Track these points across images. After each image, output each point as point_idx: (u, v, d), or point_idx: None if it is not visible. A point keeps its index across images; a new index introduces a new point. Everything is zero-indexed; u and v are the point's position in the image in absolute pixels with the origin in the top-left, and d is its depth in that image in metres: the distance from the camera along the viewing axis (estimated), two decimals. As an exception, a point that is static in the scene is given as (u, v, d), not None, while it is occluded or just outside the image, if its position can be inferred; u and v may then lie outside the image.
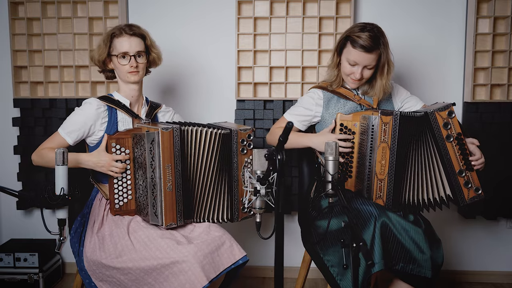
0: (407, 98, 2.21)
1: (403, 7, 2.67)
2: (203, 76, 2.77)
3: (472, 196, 1.97)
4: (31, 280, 2.63)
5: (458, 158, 1.95)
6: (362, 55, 1.98)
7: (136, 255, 1.75)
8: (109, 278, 1.80)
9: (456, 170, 1.95)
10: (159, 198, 1.81)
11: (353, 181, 2.02)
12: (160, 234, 1.80)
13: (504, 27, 2.61)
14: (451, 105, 1.95)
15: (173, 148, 1.82)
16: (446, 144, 1.94)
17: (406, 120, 1.90)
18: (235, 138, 1.94)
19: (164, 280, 1.71)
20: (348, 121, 2.01)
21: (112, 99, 2.02)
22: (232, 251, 1.82)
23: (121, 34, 1.97)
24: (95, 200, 2.02)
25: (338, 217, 1.92)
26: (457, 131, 1.94)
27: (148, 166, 1.83)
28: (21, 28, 2.71)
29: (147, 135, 1.81)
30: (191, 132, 1.87)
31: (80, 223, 1.99)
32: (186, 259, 1.70)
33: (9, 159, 2.83)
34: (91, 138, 2.00)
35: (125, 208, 1.93)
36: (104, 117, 1.98)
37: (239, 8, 2.64)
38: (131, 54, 1.97)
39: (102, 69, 2.08)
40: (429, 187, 1.96)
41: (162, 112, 2.17)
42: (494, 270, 2.82)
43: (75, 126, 1.95)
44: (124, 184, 1.91)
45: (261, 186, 1.57)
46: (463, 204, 1.97)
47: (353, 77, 2.04)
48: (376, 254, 1.77)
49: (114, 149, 1.88)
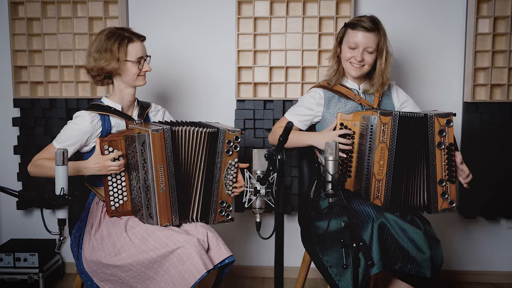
0: (406, 102, 2.21)
1: (403, 7, 2.67)
2: (203, 76, 2.77)
3: (445, 207, 1.95)
4: (31, 280, 2.63)
5: (443, 167, 1.93)
6: (363, 35, 2.01)
7: (135, 250, 1.76)
8: (110, 277, 1.81)
9: (438, 179, 1.93)
10: (153, 199, 1.82)
11: (352, 181, 2.02)
12: (157, 227, 1.82)
13: (504, 27, 2.60)
14: (451, 115, 1.94)
15: (165, 150, 1.82)
16: (435, 150, 1.92)
17: (405, 121, 1.90)
18: (221, 138, 1.93)
19: (165, 272, 1.72)
20: (348, 121, 2.01)
21: (101, 106, 1.99)
22: (219, 250, 1.83)
23: (133, 40, 1.95)
24: (92, 204, 2.02)
25: (337, 217, 1.92)
26: (450, 141, 1.93)
27: (141, 168, 1.83)
28: (21, 28, 2.71)
29: (137, 137, 1.81)
30: (182, 132, 1.88)
31: (78, 227, 2.00)
32: (182, 244, 1.72)
33: (9, 159, 2.83)
34: (87, 148, 1.99)
35: (121, 210, 1.93)
36: (98, 128, 1.95)
37: (239, 8, 2.64)
38: (144, 59, 1.98)
39: (101, 75, 1.98)
40: (414, 190, 1.95)
41: (153, 111, 2.16)
42: (494, 270, 2.82)
43: (72, 140, 1.93)
44: (119, 185, 1.91)
45: (261, 186, 1.58)
46: (434, 212, 1.95)
47: (354, 60, 2.05)
48: (374, 255, 1.77)
49: (107, 152, 1.87)
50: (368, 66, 2.07)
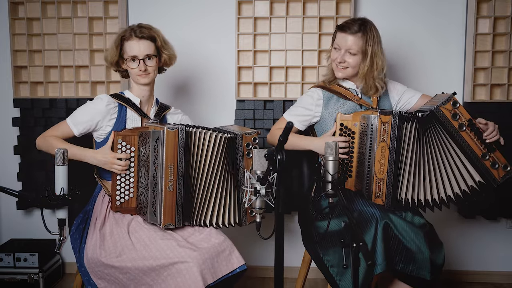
0: (405, 91, 2.22)
1: (403, 8, 2.67)
2: (203, 76, 2.77)
3: (503, 174, 1.98)
4: (31, 280, 2.63)
5: (477, 143, 1.95)
6: (344, 37, 2.02)
7: (136, 254, 1.76)
8: (107, 276, 1.81)
9: (479, 155, 1.95)
10: (159, 197, 1.81)
11: (353, 180, 2.02)
12: (160, 235, 1.81)
13: (504, 27, 2.61)
14: (452, 96, 1.95)
15: (177, 149, 1.82)
16: (461, 134, 1.94)
17: (408, 120, 1.90)
18: (240, 142, 1.95)
19: (162, 281, 1.72)
20: (348, 121, 2.01)
21: (122, 97, 2.04)
22: (230, 260, 1.82)
23: (130, 37, 1.97)
24: (98, 197, 2.02)
25: (338, 217, 1.92)
26: (467, 118, 1.95)
27: (151, 164, 1.84)
28: (21, 28, 2.71)
29: (152, 132, 1.83)
30: (196, 134, 1.87)
31: (82, 219, 1.99)
32: (184, 260, 1.70)
33: (9, 159, 2.83)
34: (98, 133, 2.01)
35: (125, 206, 1.93)
36: (114, 113, 1.99)
37: (239, 8, 2.64)
38: (140, 58, 1.97)
39: (116, 69, 2.09)
40: (452, 181, 1.96)
41: (171, 114, 2.17)
42: (494, 270, 2.82)
43: (83, 118, 1.97)
44: (127, 181, 1.92)
45: (261, 186, 1.57)
46: (497, 185, 1.97)
47: (336, 61, 2.07)
48: (378, 255, 1.77)
49: (119, 146, 1.89)
50: (352, 68, 2.07)
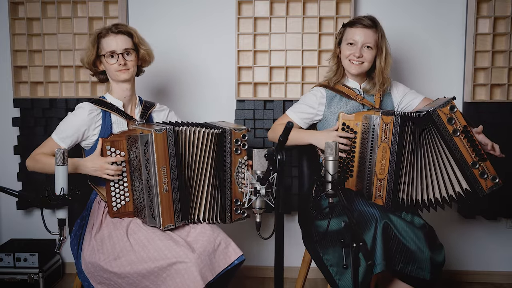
0: (407, 93, 2.22)
1: (403, 8, 2.67)
2: (203, 76, 2.77)
3: (490, 185, 1.98)
4: (31, 280, 2.63)
5: (468, 150, 1.95)
6: (362, 31, 2.03)
7: (135, 256, 1.75)
8: (106, 280, 1.80)
9: (469, 163, 1.95)
10: (156, 200, 1.81)
11: (354, 180, 2.02)
12: (158, 235, 1.80)
13: (504, 27, 2.60)
14: (451, 100, 1.95)
15: (168, 150, 1.81)
16: (454, 139, 1.94)
17: (407, 120, 1.90)
18: (229, 138, 1.93)
19: (161, 283, 1.71)
20: (350, 121, 2.01)
21: (105, 102, 2.01)
22: (227, 253, 1.82)
23: (107, 34, 1.97)
24: (94, 203, 2.01)
25: (338, 217, 1.92)
26: (463, 124, 1.95)
27: (143, 168, 1.82)
28: (21, 28, 2.71)
29: (140, 137, 1.80)
30: (185, 132, 1.87)
31: (79, 225, 1.99)
32: (182, 260, 1.70)
33: (9, 159, 2.83)
34: (86, 142, 1.99)
35: (123, 210, 1.92)
36: (98, 120, 1.96)
37: (239, 8, 2.64)
38: (118, 52, 1.96)
39: (94, 72, 2.06)
40: (441, 184, 1.96)
41: (156, 111, 2.15)
42: (494, 270, 2.82)
43: (68, 132, 1.95)
44: (121, 186, 1.90)
45: (261, 186, 1.57)
46: (483, 195, 1.97)
47: (353, 57, 2.06)
48: (377, 255, 1.77)
49: (109, 152, 1.86)
50: (368, 63, 2.07)
